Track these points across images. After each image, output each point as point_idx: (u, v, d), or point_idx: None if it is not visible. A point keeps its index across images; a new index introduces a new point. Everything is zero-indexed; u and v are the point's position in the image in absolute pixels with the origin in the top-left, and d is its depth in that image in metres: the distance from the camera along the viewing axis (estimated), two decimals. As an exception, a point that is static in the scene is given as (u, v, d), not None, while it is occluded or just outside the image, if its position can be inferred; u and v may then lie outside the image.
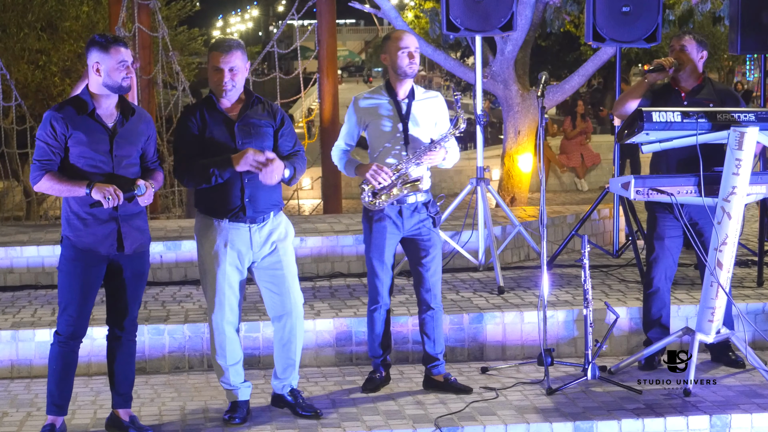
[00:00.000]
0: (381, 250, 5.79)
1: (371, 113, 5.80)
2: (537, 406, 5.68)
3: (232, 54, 5.28)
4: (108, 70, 5.07)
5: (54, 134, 5.07)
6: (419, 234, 5.83)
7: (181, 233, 8.37)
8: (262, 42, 69.16)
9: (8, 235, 8.52)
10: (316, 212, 12.59)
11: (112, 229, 5.17)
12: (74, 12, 16.67)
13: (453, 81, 41.15)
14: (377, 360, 6.00)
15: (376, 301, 5.88)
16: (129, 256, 5.25)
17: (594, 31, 8.34)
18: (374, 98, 5.83)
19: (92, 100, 5.13)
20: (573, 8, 11.41)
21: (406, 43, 5.73)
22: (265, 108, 5.44)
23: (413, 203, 5.77)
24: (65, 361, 5.27)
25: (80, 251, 5.17)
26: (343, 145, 5.92)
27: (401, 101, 5.78)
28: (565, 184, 17.74)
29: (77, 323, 5.22)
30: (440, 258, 5.94)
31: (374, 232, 5.80)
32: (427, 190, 5.84)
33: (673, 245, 6.27)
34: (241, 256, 5.41)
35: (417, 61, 5.74)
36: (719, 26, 11.96)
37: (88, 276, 5.19)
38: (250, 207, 5.36)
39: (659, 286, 6.30)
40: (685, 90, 6.22)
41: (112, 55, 5.07)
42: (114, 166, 5.13)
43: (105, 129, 5.13)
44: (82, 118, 5.10)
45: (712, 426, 5.51)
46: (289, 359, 5.56)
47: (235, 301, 5.45)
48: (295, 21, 12.00)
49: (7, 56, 15.44)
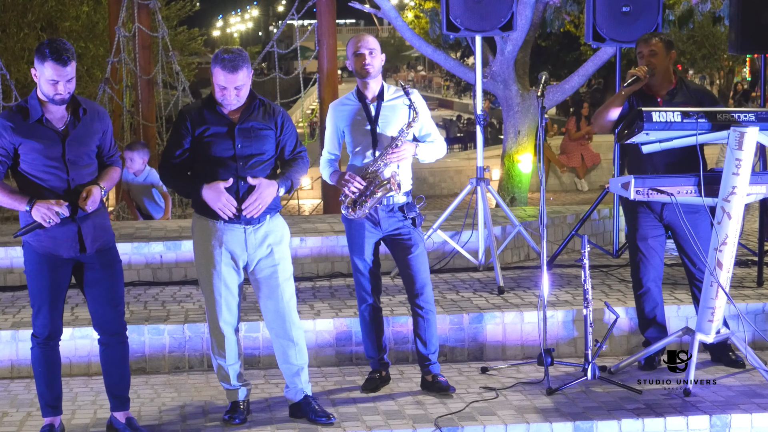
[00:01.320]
0: (361, 248, 5.83)
1: (344, 118, 5.84)
2: (537, 406, 5.69)
3: (237, 74, 5.22)
4: (40, 80, 4.99)
5: (2, 141, 4.99)
6: (399, 234, 5.83)
7: (181, 233, 8.37)
8: (262, 42, 69.16)
9: (8, 235, 8.52)
10: (316, 212, 12.60)
11: (72, 231, 5.10)
12: (74, 12, 16.69)
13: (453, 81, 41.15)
14: (374, 360, 6.00)
15: (363, 300, 5.93)
16: (94, 255, 5.18)
17: (594, 31, 8.33)
18: (346, 103, 5.87)
19: (41, 107, 5.03)
20: (573, 8, 11.41)
21: (356, 47, 5.76)
22: (266, 111, 5.42)
23: (389, 204, 5.77)
24: (48, 361, 5.26)
25: (41, 255, 5.12)
26: (328, 155, 5.95)
27: (370, 103, 5.80)
28: (565, 184, 17.75)
29: (50, 324, 5.20)
30: (425, 256, 5.91)
31: (353, 230, 5.85)
32: (407, 192, 5.82)
33: (657, 244, 6.25)
34: (235, 257, 5.40)
35: (373, 61, 5.73)
36: (719, 26, 11.96)
37: (55, 277, 5.15)
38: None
39: (649, 286, 6.29)
40: (661, 95, 6.19)
41: (44, 68, 4.93)
42: (68, 170, 5.05)
43: (56, 133, 5.04)
44: (31, 125, 5.01)
45: (712, 426, 5.51)
46: (293, 366, 5.54)
47: (233, 301, 5.45)
48: (295, 21, 12.01)
49: (7, 56, 15.46)
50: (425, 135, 5.89)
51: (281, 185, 5.35)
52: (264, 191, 5.27)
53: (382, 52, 5.81)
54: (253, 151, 5.33)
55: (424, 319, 5.91)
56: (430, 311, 5.91)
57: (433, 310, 5.93)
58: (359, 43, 5.76)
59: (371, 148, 5.77)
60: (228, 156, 5.30)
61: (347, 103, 5.88)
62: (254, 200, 5.27)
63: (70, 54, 4.97)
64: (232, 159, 5.30)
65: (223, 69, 5.23)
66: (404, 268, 5.89)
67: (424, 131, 5.89)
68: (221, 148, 5.31)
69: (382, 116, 5.78)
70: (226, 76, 5.23)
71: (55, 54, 4.91)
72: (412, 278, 5.86)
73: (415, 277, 5.86)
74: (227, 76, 5.23)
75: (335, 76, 11.47)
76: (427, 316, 5.90)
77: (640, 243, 6.26)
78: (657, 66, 6.16)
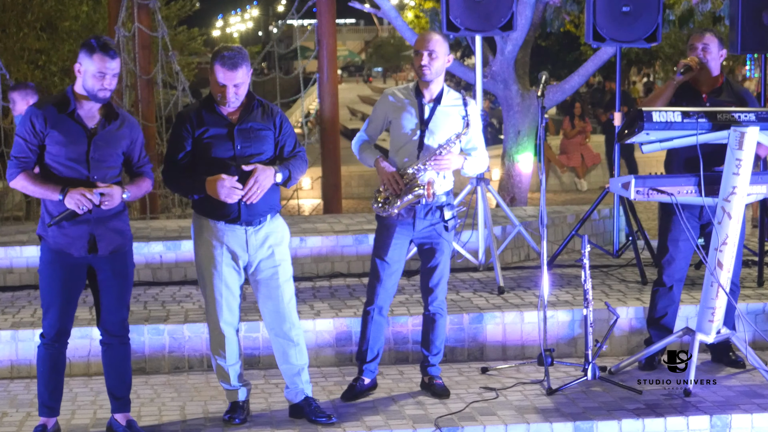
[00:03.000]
0: (386, 249, 5.73)
1: (396, 111, 5.74)
2: (537, 406, 5.68)
3: (236, 71, 5.21)
4: (86, 75, 4.99)
5: (32, 131, 4.99)
6: (428, 237, 5.76)
7: (181, 233, 8.37)
8: (262, 42, 69.11)
9: (8, 235, 8.52)
10: (316, 212, 12.60)
11: (84, 231, 5.09)
12: (74, 12, 16.68)
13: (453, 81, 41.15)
14: (362, 365, 5.89)
15: (371, 302, 5.82)
16: (106, 257, 5.17)
17: (594, 31, 8.33)
18: (402, 96, 5.77)
19: (75, 100, 5.05)
20: (573, 8, 11.41)
21: (417, 47, 5.66)
22: (265, 111, 5.40)
23: (428, 204, 5.68)
24: (53, 362, 5.23)
25: (55, 252, 5.11)
26: (364, 135, 5.86)
27: (425, 104, 5.68)
28: (565, 184, 17.74)
29: (61, 324, 5.18)
30: (447, 264, 5.85)
31: (383, 230, 5.75)
32: (447, 192, 5.75)
33: (687, 247, 6.19)
34: (236, 258, 5.39)
35: (432, 64, 5.60)
36: (719, 26, 11.94)
37: (67, 277, 5.13)
38: (246, 211, 5.33)
39: (672, 285, 6.25)
40: (706, 91, 6.17)
41: (95, 61, 4.96)
42: (90, 169, 5.04)
43: (84, 129, 5.03)
44: (62, 118, 5.01)
45: (713, 426, 5.51)
46: (293, 367, 5.54)
47: (233, 301, 5.44)
48: (295, 21, 12.01)
49: (7, 56, 15.45)
50: (471, 148, 5.78)
51: (279, 171, 5.31)
52: (260, 175, 5.24)
53: (449, 53, 5.69)
54: (252, 152, 5.32)
55: (435, 322, 5.88)
56: (440, 313, 5.89)
57: (443, 314, 5.91)
58: (422, 42, 5.65)
59: (416, 149, 5.66)
60: (228, 157, 5.29)
61: (404, 96, 5.76)
62: (252, 184, 5.22)
63: (117, 49, 5.05)
64: (231, 160, 5.29)
65: (223, 66, 5.22)
66: (426, 271, 5.83)
67: (471, 144, 5.78)
68: (221, 149, 5.29)
69: (434, 120, 5.66)
70: (225, 73, 5.22)
71: (103, 47, 4.96)
72: (432, 282, 5.81)
73: (436, 282, 5.81)
74: (227, 74, 5.22)
75: (335, 76, 11.46)
76: (438, 320, 5.88)
77: (670, 243, 6.21)
78: (709, 61, 6.13)
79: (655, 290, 6.33)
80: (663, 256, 6.27)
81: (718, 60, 6.18)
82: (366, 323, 5.85)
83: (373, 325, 5.83)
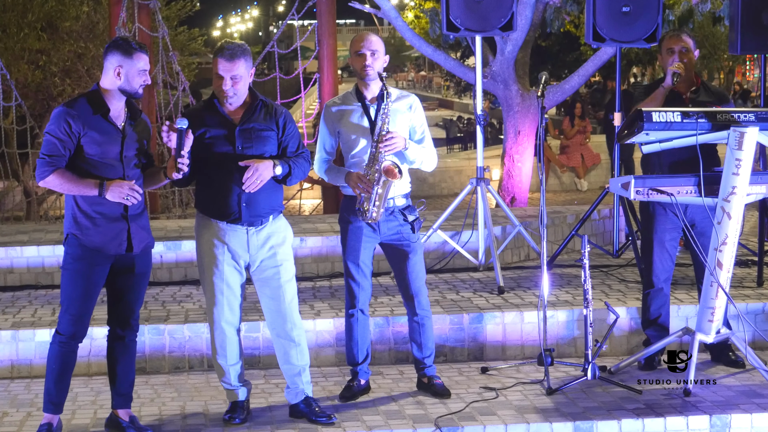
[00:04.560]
0: (357, 253, 5.72)
1: (341, 118, 5.70)
2: (537, 406, 5.69)
3: (235, 63, 5.23)
4: (129, 75, 5.08)
5: (68, 131, 5.04)
6: (398, 239, 5.75)
7: (181, 233, 8.37)
8: (262, 42, 69.13)
9: (8, 235, 8.52)
10: (316, 212, 12.60)
11: (122, 228, 5.17)
12: (74, 12, 16.66)
13: (453, 81, 41.16)
14: (355, 367, 5.88)
15: (353, 306, 5.81)
16: (136, 255, 5.25)
17: (594, 31, 8.33)
18: (342, 103, 5.74)
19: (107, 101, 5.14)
20: (573, 8, 11.41)
21: (358, 46, 5.64)
22: (268, 112, 5.40)
23: (388, 207, 5.65)
24: (64, 360, 5.26)
25: (87, 250, 5.14)
26: (324, 155, 5.79)
27: (369, 105, 5.66)
28: (565, 184, 17.74)
29: (79, 323, 5.21)
30: (422, 262, 5.84)
31: (350, 234, 5.73)
32: (406, 195, 5.74)
33: (673, 246, 6.27)
34: (237, 257, 5.40)
35: (374, 63, 5.59)
36: (719, 26, 11.96)
37: (92, 275, 5.17)
38: (247, 211, 5.33)
39: (660, 286, 6.29)
40: (685, 91, 6.21)
41: (135, 61, 5.09)
42: (124, 168, 5.14)
43: (117, 130, 5.13)
44: (96, 118, 5.09)
45: (712, 426, 5.51)
46: (294, 367, 5.55)
47: (235, 301, 5.45)
48: (295, 21, 12.00)
49: (7, 56, 15.44)
50: (420, 139, 5.77)
51: (279, 164, 5.30)
52: (260, 165, 5.24)
53: (386, 54, 5.70)
54: (253, 153, 5.32)
55: (420, 324, 5.88)
56: (425, 316, 5.88)
57: (428, 315, 5.90)
58: (362, 43, 5.64)
59: (369, 148, 5.62)
60: (228, 157, 5.29)
61: (344, 102, 5.75)
62: (251, 174, 5.22)
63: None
64: (231, 160, 5.29)
65: (221, 57, 5.25)
66: (400, 274, 5.83)
67: (419, 135, 5.76)
68: (221, 149, 5.30)
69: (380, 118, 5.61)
70: (223, 64, 5.24)
71: (140, 46, 5.14)
72: (408, 285, 5.81)
73: (411, 283, 5.81)
74: (224, 65, 5.24)
75: (335, 76, 11.45)
76: (422, 321, 5.87)
77: (656, 244, 6.23)
78: (689, 62, 6.16)
79: (646, 293, 6.35)
80: (650, 258, 6.29)
81: (694, 61, 6.25)
82: (351, 326, 5.83)
83: (359, 327, 5.82)
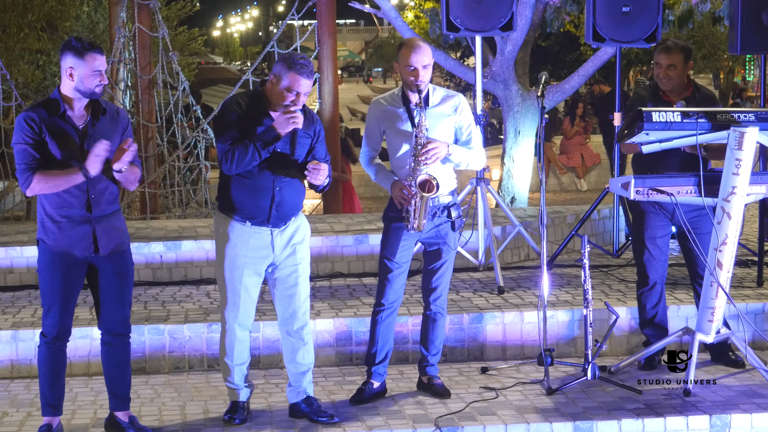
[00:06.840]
0: (393, 251, 5.72)
1: (386, 120, 5.71)
2: (537, 406, 5.69)
3: (312, 80, 5.25)
4: (82, 76, 5.04)
5: (32, 134, 5.03)
6: (435, 238, 5.74)
7: (181, 233, 8.37)
8: (262, 42, 69.12)
9: (8, 235, 8.52)
10: (316, 212, 12.59)
11: (87, 231, 5.14)
12: (74, 12, 16.69)
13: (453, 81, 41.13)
14: (370, 368, 5.86)
15: (380, 303, 5.80)
16: (107, 256, 5.21)
17: (594, 31, 8.34)
18: (389, 105, 5.72)
19: (63, 103, 5.10)
20: (573, 8, 11.41)
21: (410, 61, 5.53)
22: (307, 118, 5.39)
23: (434, 206, 5.66)
24: (54, 361, 5.27)
25: (56, 254, 5.15)
26: (369, 152, 5.80)
27: (414, 108, 5.61)
28: (565, 184, 17.75)
29: (61, 324, 5.22)
30: (451, 264, 5.85)
31: (390, 231, 5.73)
32: (451, 192, 5.75)
33: (664, 243, 6.28)
34: (261, 261, 5.39)
35: (424, 77, 5.53)
36: (719, 26, 11.96)
37: (68, 277, 5.17)
38: (276, 214, 5.36)
39: (655, 285, 6.30)
40: (677, 100, 6.20)
41: (87, 62, 5.03)
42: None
43: (75, 130, 5.09)
44: (54, 120, 5.07)
45: (712, 426, 5.51)
46: (300, 366, 5.55)
47: (251, 304, 5.45)
48: (295, 21, 11.99)
49: (7, 56, 15.45)
50: (467, 140, 5.74)
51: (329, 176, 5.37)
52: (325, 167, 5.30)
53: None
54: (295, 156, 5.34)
55: (435, 321, 5.88)
56: (439, 312, 5.89)
57: (443, 313, 5.90)
58: (413, 57, 5.52)
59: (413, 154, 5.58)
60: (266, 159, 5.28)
61: (391, 104, 5.71)
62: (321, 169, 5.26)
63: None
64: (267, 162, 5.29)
65: (301, 74, 5.21)
66: (429, 271, 5.83)
67: (465, 137, 5.73)
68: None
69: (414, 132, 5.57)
70: (304, 81, 5.21)
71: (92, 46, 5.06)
72: (435, 282, 5.81)
73: (438, 281, 5.81)
74: (305, 82, 5.22)
75: (335, 76, 11.45)
76: (435, 317, 5.88)
77: (648, 242, 6.25)
78: (674, 78, 6.19)
79: (641, 293, 6.37)
80: (642, 256, 6.30)
81: (686, 73, 6.27)
82: (375, 324, 5.82)
83: (382, 327, 5.80)
